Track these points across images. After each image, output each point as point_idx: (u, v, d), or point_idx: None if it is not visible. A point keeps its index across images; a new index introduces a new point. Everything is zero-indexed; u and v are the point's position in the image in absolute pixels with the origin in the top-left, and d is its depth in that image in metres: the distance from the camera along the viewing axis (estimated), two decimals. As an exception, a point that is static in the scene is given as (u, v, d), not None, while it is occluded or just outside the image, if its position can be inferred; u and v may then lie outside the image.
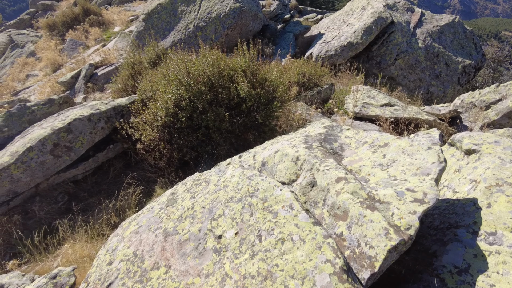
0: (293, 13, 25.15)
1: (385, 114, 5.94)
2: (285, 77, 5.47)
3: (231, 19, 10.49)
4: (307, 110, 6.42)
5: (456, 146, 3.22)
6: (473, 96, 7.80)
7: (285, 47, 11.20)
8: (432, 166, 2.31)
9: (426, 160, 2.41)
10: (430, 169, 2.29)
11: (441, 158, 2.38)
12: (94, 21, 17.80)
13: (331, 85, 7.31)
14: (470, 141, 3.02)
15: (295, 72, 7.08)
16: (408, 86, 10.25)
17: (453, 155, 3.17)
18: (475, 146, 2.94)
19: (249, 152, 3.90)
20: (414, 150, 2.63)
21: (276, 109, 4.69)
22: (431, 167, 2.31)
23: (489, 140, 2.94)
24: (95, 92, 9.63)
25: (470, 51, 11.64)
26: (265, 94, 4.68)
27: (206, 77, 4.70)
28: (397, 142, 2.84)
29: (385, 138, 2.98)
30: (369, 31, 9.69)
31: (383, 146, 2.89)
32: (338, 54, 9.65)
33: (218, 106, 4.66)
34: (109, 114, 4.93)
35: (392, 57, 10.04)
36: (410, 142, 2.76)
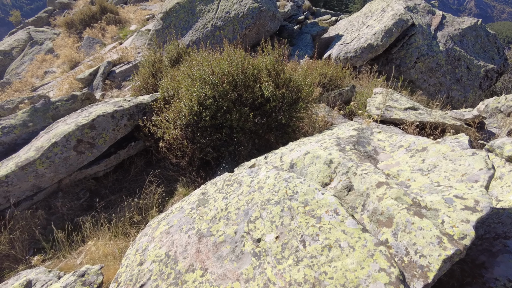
0: (307, 14, 25.00)
1: (410, 117, 5.80)
2: (310, 77, 5.38)
3: (250, 19, 10.44)
4: (329, 111, 6.32)
5: (496, 153, 3.09)
6: (498, 101, 7.58)
7: (302, 48, 11.10)
8: (480, 172, 2.20)
9: (472, 166, 2.30)
10: (478, 176, 2.18)
11: (489, 165, 2.26)
12: (111, 19, 17.97)
13: (353, 87, 7.19)
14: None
15: (316, 72, 6.98)
16: (428, 90, 10.05)
17: (492, 162, 3.04)
18: (519, 153, 2.81)
19: (274, 153, 3.83)
20: (456, 155, 2.51)
21: (301, 110, 4.61)
22: (478, 173, 2.19)
23: (534, 147, 2.82)
24: (112, 89, 9.68)
25: (492, 55, 11.37)
26: (289, 95, 4.60)
27: (230, 76, 4.64)
28: (437, 146, 2.72)
29: (422, 142, 2.87)
30: (389, 33, 9.53)
31: (421, 150, 2.78)
32: (357, 56, 9.51)
33: (242, 106, 4.59)
34: (131, 112, 4.91)
35: (412, 60, 9.85)
36: (451, 147, 2.65)
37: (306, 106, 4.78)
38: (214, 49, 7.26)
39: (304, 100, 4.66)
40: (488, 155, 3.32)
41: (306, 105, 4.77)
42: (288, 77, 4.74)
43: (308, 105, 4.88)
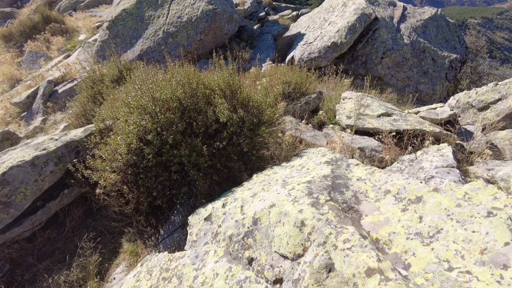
0: (268, 10, 24.44)
1: (384, 126, 5.27)
2: (271, 94, 4.70)
3: (204, 22, 9.62)
4: (296, 125, 5.68)
5: (499, 186, 2.55)
6: (469, 95, 7.28)
7: (264, 50, 10.43)
8: (508, 250, 1.59)
9: (492, 237, 1.70)
10: (506, 257, 1.57)
11: (517, 236, 1.66)
12: (56, 29, 16.48)
13: (319, 93, 6.60)
14: (522, 183, 2.35)
15: (279, 81, 6.33)
16: (396, 86, 9.70)
17: (497, 198, 2.48)
18: (531, 192, 2.27)
19: (235, 199, 3.11)
20: (465, 214, 1.91)
21: (264, 135, 3.92)
22: (506, 252, 1.59)
23: (548, 183, 2.28)
24: (56, 112, 8.57)
25: (454, 45, 11.22)
26: (249, 118, 3.89)
27: (176, 101, 3.87)
28: (436, 197, 2.11)
29: (415, 189, 2.26)
30: (353, 30, 9.04)
31: (415, 201, 2.16)
32: (322, 56, 8.96)
33: (193, 136, 3.84)
34: (60, 154, 4.02)
35: (378, 55, 9.44)
36: (455, 199, 2.04)
37: (270, 129, 4.09)
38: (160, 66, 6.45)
39: (267, 124, 3.97)
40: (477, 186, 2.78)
41: (270, 128, 4.08)
42: (246, 97, 4.03)
43: (272, 128, 4.20)
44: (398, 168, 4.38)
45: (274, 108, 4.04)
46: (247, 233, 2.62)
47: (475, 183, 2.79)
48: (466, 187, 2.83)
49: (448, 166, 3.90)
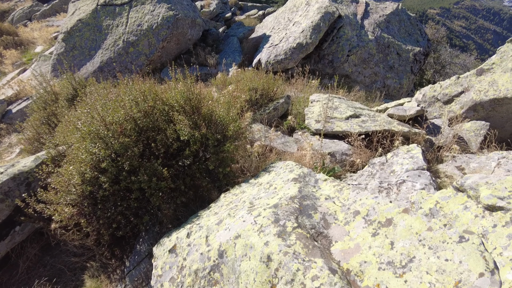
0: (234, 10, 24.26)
1: (353, 128, 5.21)
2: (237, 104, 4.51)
3: (166, 29, 9.28)
4: (265, 132, 5.52)
5: (468, 194, 2.48)
6: (434, 89, 7.39)
7: (230, 55, 10.22)
8: (483, 283, 1.48)
9: (465, 267, 1.59)
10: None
11: (490, 265, 1.56)
12: (9, 42, 15.54)
13: (287, 97, 6.47)
14: (491, 193, 2.27)
15: (245, 88, 6.14)
16: (364, 82, 9.76)
17: (467, 208, 2.41)
18: (501, 202, 2.20)
19: (200, 227, 2.90)
20: (437, 239, 1.80)
21: (229, 152, 3.72)
22: (480, 285, 1.48)
23: (517, 191, 2.22)
24: (11, 134, 8.00)
25: (417, 38, 11.45)
26: (213, 135, 3.68)
27: (131, 123, 3.60)
28: (406, 219, 2.00)
29: (385, 210, 2.14)
30: (317, 29, 9.00)
31: (386, 224, 2.04)
32: (288, 58, 8.86)
33: (152, 158, 3.59)
34: (6, 189, 3.66)
35: (344, 53, 9.45)
36: (427, 221, 1.93)
37: (236, 144, 3.90)
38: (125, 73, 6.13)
39: (232, 139, 3.78)
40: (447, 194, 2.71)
41: (236, 143, 3.89)
42: (208, 112, 3.82)
43: (239, 142, 4.01)
44: (369, 173, 4.31)
45: (239, 122, 3.85)
46: (213, 267, 2.42)
47: (446, 191, 2.72)
48: (437, 195, 2.75)
49: (419, 169, 3.86)
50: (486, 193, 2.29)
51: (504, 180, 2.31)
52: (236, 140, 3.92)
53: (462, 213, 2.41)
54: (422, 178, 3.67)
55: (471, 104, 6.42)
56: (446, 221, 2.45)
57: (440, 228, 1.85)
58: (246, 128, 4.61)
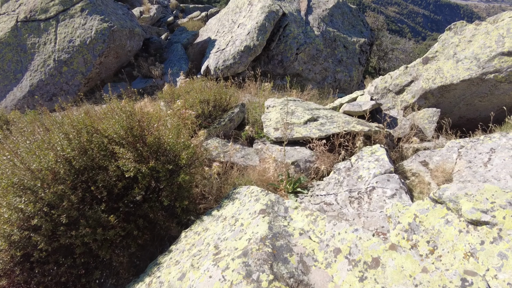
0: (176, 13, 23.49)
1: (313, 133, 5.00)
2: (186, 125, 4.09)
3: (101, 43, 8.52)
4: (223, 147, 5.16)
5: (448, 207, 2.31)
6: (385, 81, 7.47)
7: (176, 63, 9.66)
8: None
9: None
10: None
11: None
12: None
13: (242, 105, 6.14)
14: (474, 206, 2.11)
15: (196, 101, 5.71)
16: (315, 79, 9.71)
17: (449, 222, 2.24)
18: (485, 216, 2.04)
19: (161, 283, 2.48)
20: (436, 284, 1.55)
21: (185, 184, 3.31)
22: None
23: (500, 202, 2.07)
24: None
25: (360, 29, 11.66)
26: (163, 166, 3.24)
27: (65, 164, 3.06)
28: (395, 258, 1.75)
29: (369, 247, 1.88)
30: (263, 30, 8.75)
31: (373, 265, 1.77)
32: (237, 62, 8.52)
33: (95, 203, 3.08)
34: None
35: (293, 52, 9.31)
36: (419, 260, 1.69)
37: (192, 173, 3.49)
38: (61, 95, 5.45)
39: (186, 168, 3.36)
40: (425, 207, 2.55)
41: (192, 172, 3.48)
42: (155, 141, 3.36)
43: (195, 170, 3.60)
44: (336, 180, 4.11)
45: (193, 147, 3.44)
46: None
47: (423, 203, 2.54)
48: (414, 208, 2.56)
49: (386, 172, 3.72)
50: (468, 207, 2.12)
51: (483, 190, 2.15)
52: (191, 167, 3.51)
53: (445, 228, 2.23)
54: (391, 182, 3.52)
55: (421, 92, 6.53)
56: (429, 237, 2.26)
57: (437, 269, 1.62)
58: (201, 151, 4.21)
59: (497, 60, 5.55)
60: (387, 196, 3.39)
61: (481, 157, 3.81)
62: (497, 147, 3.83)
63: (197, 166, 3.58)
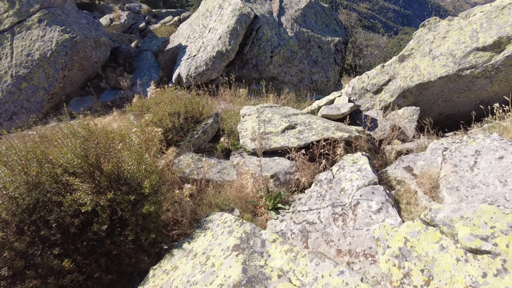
0: (149, 18, 22.90)
1: (291, 142, 4.74)
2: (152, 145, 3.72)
3: (63, 56, 7.99)
4: (197, 163, 4.81)
5: (442, 230, 2.06)
6: (362, 80, 7.30)
7: (145, 72, 9.22)
8: None
9: None
10: None
11: None
12: None
13: (216, 116, 5.81)
14: (472, 232, 1.87)
15: (165, 114, 5.34)
16: (292, 82, 9.48)
17: (444, 248, 1.99)
18: (486, 244, 1.80)
19: None
20: None
21: (151, 214, 2.95)
22: None
23: (500, 227, 1.83)
24: None
25: (334, 28, 11.53)
26: (125, 196, 2.88)
27: (11, 205, 2.65)
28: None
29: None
30: (235, 34, 8.44)
31: (365, 320, 1.49)
32: (210, 68, 8.17)
33: (47, 247, 2.68)
34: None
35: (267, 55, 9.05)
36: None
37: (158, 202, 3.14)
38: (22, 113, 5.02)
39: (151, 198, 3.01)
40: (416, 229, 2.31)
41: (157, 202, 3.13)
42: (113, 169, 2.99)
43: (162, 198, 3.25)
44: (318, 194, 3.84)
45: (156, 173, 3.09)
46: None
47: (413, 225, 2.30)
48: (404, 230, 2.32)
49: (370, 184, 3.48)
50: (465, 233, 1.88)
51: (480, 212, 1.92)
52: (158, 194, 3.16)
53: (440, 255, 1.99)
54: (376, 195, 3.28)
55: (400, 91, 6.39)
56: (423, 265, 2.01)
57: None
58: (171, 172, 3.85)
59: (473, 56, 5.45)
60: (373, 211, 3.14)
61: (467, 160, 3.63)
62: (481, 149, 3.66)
63: (163, 192, 3.23)
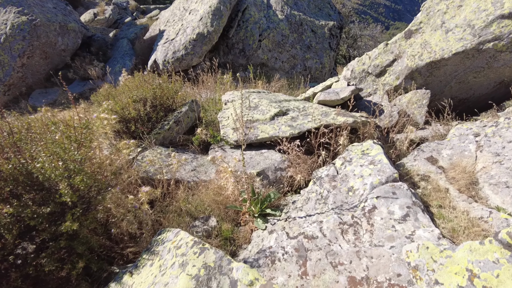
0: (137, 14, 21.88)
1: (282, 131, 3.82)
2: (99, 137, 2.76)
3: (21, 41, 6.96)
4: (166, 159, 3.88)
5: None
6: (363, 62, 6.40)
7: (119, 60, 8.22)
8: None
9: None
10: None
11: None
12: None
13: (193, 103, 4.86)
14: None
15: (129, 100, 4.38)
16: (283, 69, 8.55)
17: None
18: None
19: None
20: None
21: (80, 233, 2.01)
22: None
23: None
24: None
25: (328, 12, 10.62)
26: (37, 210, 1.93)
27: None
28: None
29: None
30: (218, 14, 7.48)
31: None
32: (190, 53, 7.20)
33: None
34: None
35: (255, 39, 8.10)
36: None
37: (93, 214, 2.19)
38: None
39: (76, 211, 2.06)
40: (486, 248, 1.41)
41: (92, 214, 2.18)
42: (17, 170, 2.03)
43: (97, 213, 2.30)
44: (318, 194, 2.93)
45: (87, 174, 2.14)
46: None
47: (481, 248, 1.46)
48: (464, 257, 1.47)
49: (389, 181, 2.57)
50: None
51: None
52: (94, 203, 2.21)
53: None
54: (399, 196, 2.38)
55: (407, 72, 5.50)
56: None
57: None
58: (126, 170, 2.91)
59: (496, 25, 4.58)
60: (396, 219, 2.24)
61: (513, 147, 2.75)
62: (531, 131, 2.78)
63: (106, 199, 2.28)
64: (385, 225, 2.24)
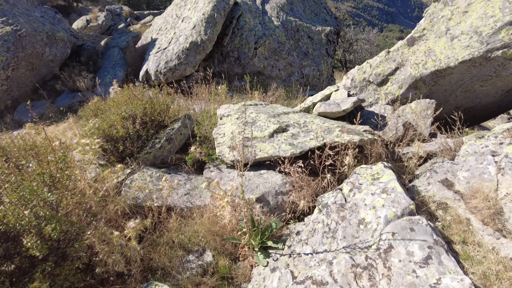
0: (131, 21, 21.58)
1: (283, 151, 3.53)
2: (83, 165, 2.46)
3: (5, 53, 6.64)
4: (157, 183, 3.58)
5: None
6: (364, 70, 6.15)
7: (109, 71, 7.91)
8: None
9: None
10: None
11: None
12: None
13: (186, 118, 4.57)
14: None
15: (117, 118, 4.08)
16: (280, 77, 8.28)
17: None
18: None
19: None
20: None
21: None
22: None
23: None
24: None
25: (324, 17, 10.40)
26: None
27: None
28: None
29: None
30: (212, 21, 7.20)
31: None
32: (183, 63, 6.91)
33: None
34: None
35: (250, 46, 7.84)
36: None
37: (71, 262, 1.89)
38: None
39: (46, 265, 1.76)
40: None
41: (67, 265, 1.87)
42: None
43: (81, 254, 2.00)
44: (325, 226, 2.65)
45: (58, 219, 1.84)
46: None
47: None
48: None
49: (405, 214, 2.29)
50: None
51: None
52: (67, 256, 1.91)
53: None
54: (418, 233, 2.10)
55: (410, 81, 5.26)
56: None
57: None
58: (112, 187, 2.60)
59: (505, 32, 4.34)
60: (417, 262, 1.96)
61: (540, 171, 2.48)
62: (559, 153, 2.52)
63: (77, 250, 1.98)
64: (404, 269, 1.95)
